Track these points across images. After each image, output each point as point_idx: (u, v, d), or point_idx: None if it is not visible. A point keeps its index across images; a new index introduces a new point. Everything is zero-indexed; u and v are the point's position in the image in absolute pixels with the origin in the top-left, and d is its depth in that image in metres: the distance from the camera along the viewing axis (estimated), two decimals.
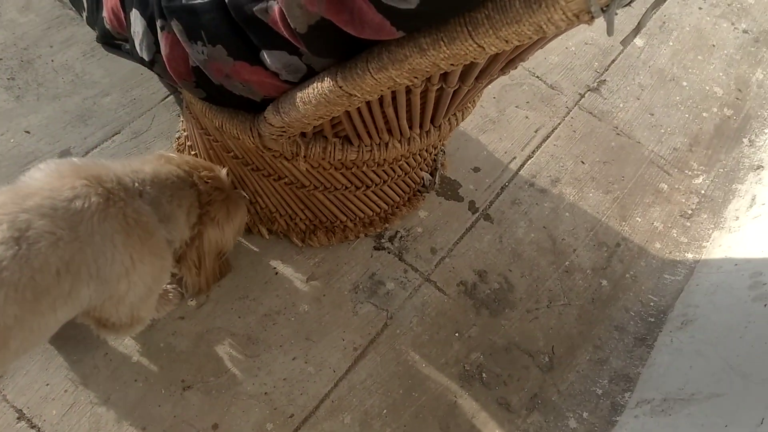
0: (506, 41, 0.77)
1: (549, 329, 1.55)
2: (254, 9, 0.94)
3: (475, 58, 0.82)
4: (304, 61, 0.99)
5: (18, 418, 1.26)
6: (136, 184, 1.06)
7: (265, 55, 1.00)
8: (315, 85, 0.98)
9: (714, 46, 2.24)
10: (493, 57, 0.91)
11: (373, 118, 1.12)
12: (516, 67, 1.06)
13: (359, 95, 0.95)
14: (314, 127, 1.13)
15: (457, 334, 1.50)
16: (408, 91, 1.01)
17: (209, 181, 1.19)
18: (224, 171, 1.25)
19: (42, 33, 1.77)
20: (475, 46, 0.79)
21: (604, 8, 0.71)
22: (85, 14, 1.40)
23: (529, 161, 1.81)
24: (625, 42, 0.84)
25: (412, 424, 1.38)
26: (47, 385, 1.30)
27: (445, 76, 0.98)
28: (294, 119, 1.07)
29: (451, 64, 0.84)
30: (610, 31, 0.74)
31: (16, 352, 0.94)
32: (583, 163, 1.84)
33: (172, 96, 1.71)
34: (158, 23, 1.08)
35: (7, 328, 0.90)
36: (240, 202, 1.28)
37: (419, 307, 1.52)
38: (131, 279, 1.05)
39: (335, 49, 0.93)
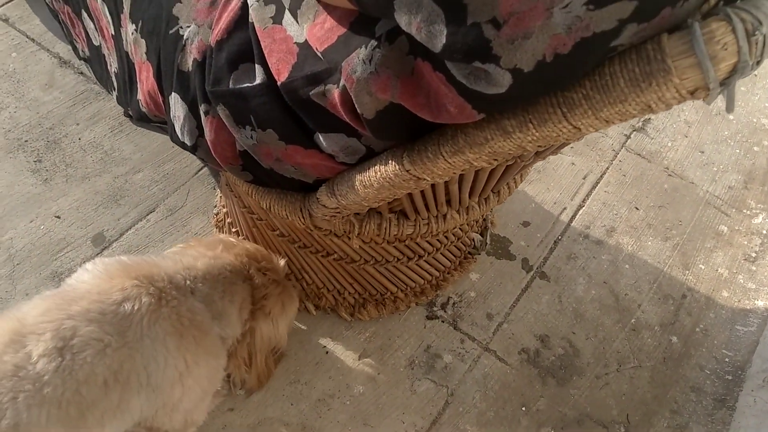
0: (607, 122, 0.69)
1: (621, 395, 1.44)
2: (311, 93, 0.86)
3: (567, 139, 0.74)
4: (363, 143, 0.91)
5: None
6: (188, 282, 0.99)
7: (321, 138, 0.93)
8: (377, 168, 0.90)
9: (756, 75, 2.15)
10: None
11: (434, 193, 1.04)
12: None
13: (429, 179, 0.87)
14: None
15: (524, 408, 1.40)
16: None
17: (267, 273, 1.11)
18: (282, 262, 1.18)
19: (67, 110, 1.71)
20: (570, 127, 0.70)
21: (724, 82, 0.62)
22: (115, 93, 1.34)
23: (581, 211, 1.72)
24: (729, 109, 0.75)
25: None
26: None
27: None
28: (352, 202, 0.99)
29: (539, 146, 0.76)
30: (730, 108, 0.65)
31: None
32: (637, 209, 1.74)
33: (206, 168, 1.64)
34: (201, 108, 1.01)
35: None
36: (293, 293, 1.20)
37: (481, 380, 1.42)
38: (186, 383, 0.97)
39: (402, 131, 0.85)
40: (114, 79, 1.32)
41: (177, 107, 1.06)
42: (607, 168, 1.81)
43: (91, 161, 1.63)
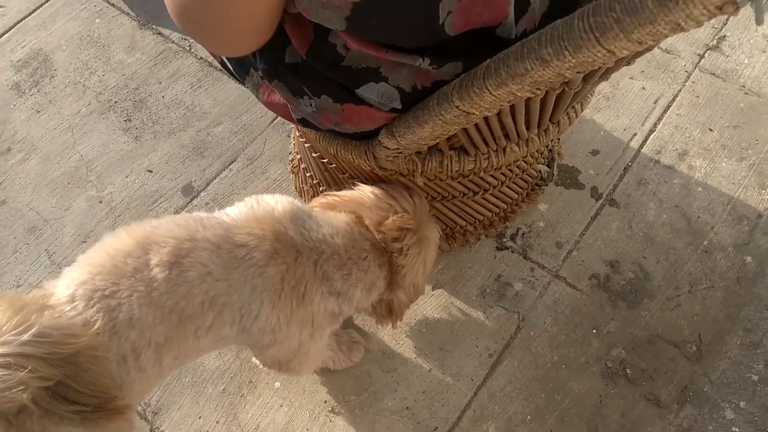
0: (639, 43, 0.71)
1: (693, 316, 1.46)
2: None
3: (603, 64, 0.76)
4: (391, 84, 0.96)
5: None
6: (313, 253, 1.04)
7: (361, 93, 0.98)
8: (429, 106, 0.95)
9: None
10: None
11: (490, 128, 1.07)
12: (642, 55, 0.98)
13: (477, 113, 0.91)
14: None
15: (594, 331, 1.44)
16: (528, 99, 0.96)
17: (410, 250, 1.12)
18: (424, 206, 1.17)
19: (149, 70, 1.83)
20: (604, 51, 0.73)
21: None
22: None
23: (652, 136, 1.70)
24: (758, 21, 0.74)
25: (559, 428, 1.34)
26: (200, 417, 1.36)
27: (567, 80, 0.92)
28: (410, 141, 1.04)
29: (577, 72, 0.79)
30: (759, 20, 0.66)
31: (169, 368, 0.98)
32: (711, 130, 1.71)
33: (280, 117, 1.73)
34: (255, 73, 1.08)
35: (160, 345, 0.94)
36: (432, 238, 1.19)
37: (551, 305, 1.47)
38: (276, 337, 1.05)
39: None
40: None
41: (230, 61, 1.13)
42: (680, 90, 1.78)
43: (175, 117, 1.75)
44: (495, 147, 1.18)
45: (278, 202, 1.06)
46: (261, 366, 1.20)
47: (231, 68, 1.13)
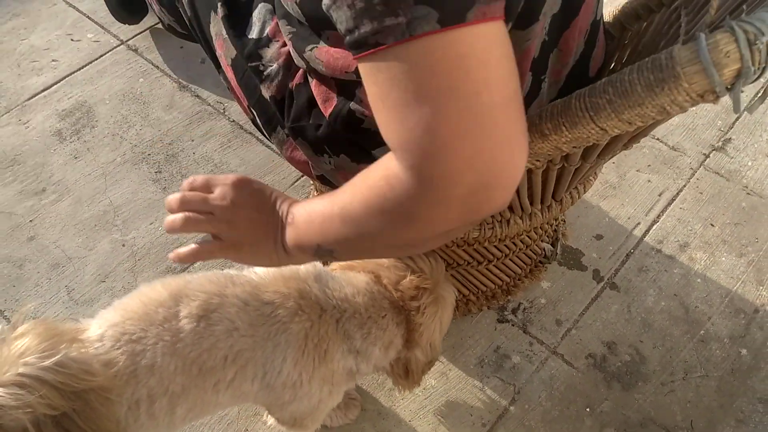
0: (629, 123, 0.79)
1: (686, 402, 1.48)
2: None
3: (597, 140, 0.84)
4: None
5: None
6: (336, 313, 1.08)
7: (377, 154, 1.06)
8: None
9: None
10: (616, 136, 0.93)
11: None
12: (639, 141, 1.06)
13: None
14: None
15: (588, 409, 1.46)
16: (529, 171, 1.04)
17: (426, 310, 1.14)
18: (442, 271, 1.19)
19: (184, 128, 1.95)
20: (597, 129, 0.81)
21: (729, 86, 0.71)
22: None
23: (655, 226, 1.77)
24: (751, 109, 0.83)
25: None
26: None
27: (566, 156, 1.00)
28: None
29: (574, 147, 0.87)
30: (736, 109, 0.74)
31: (182, 419, 1.00)
32: (712, 225, 1.77)
33: (300, 179, 1.82)
34: (280, 132, 1.17)
35: (175, 395, 0.97)
36: (448, 299, 1.21)
37: (547, 381, 1.50)
38: (297, 393, 1.08)
39: None
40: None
41: (260, 118, 1.22)
42: (684, 186, 1.85)
43: (203, 172, 1.84)
44: (499, 218, 1.25)
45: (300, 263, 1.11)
46: (269, 423, 1.23)
47: (260, 124, 1.22)
